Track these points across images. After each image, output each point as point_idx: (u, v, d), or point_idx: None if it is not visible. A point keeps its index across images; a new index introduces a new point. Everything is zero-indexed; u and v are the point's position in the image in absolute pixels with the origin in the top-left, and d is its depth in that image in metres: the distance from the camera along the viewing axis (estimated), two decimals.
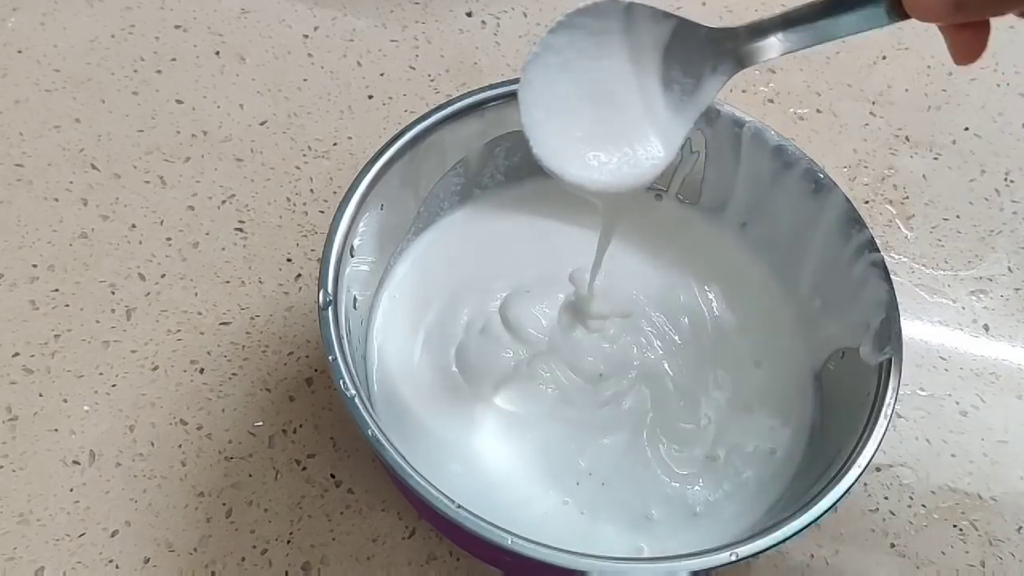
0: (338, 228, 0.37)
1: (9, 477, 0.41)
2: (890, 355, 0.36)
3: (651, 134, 0.35)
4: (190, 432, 0.42)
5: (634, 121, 0.35)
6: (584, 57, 0.34)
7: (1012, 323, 0.49)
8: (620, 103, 0.35)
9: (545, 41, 0.33)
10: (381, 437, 0.33)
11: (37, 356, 0.44)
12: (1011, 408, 0.47)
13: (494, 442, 0.40)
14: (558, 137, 0.34)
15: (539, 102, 0.34)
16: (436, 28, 0.58)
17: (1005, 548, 0.43)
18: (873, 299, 0.38)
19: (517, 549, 0.31)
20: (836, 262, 0.40)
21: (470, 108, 0.41)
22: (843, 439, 0.36)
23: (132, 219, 0.48)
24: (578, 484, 0.39)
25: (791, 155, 0.41)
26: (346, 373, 0.34)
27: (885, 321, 0.37)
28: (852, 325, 0.39)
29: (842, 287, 0.40)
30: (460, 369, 0.41)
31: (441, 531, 0.40)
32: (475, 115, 0.41)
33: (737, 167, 0.43)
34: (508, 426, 0.40)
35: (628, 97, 0.35)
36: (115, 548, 0.39)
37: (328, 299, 0.36)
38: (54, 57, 0.54)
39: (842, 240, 0.40)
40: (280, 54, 0.56)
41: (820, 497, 0.33)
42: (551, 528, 0.37)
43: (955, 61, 0.30)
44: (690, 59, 0.34)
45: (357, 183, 0.38)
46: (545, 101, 0.34)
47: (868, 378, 0.37)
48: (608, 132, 0.34)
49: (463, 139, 0.42)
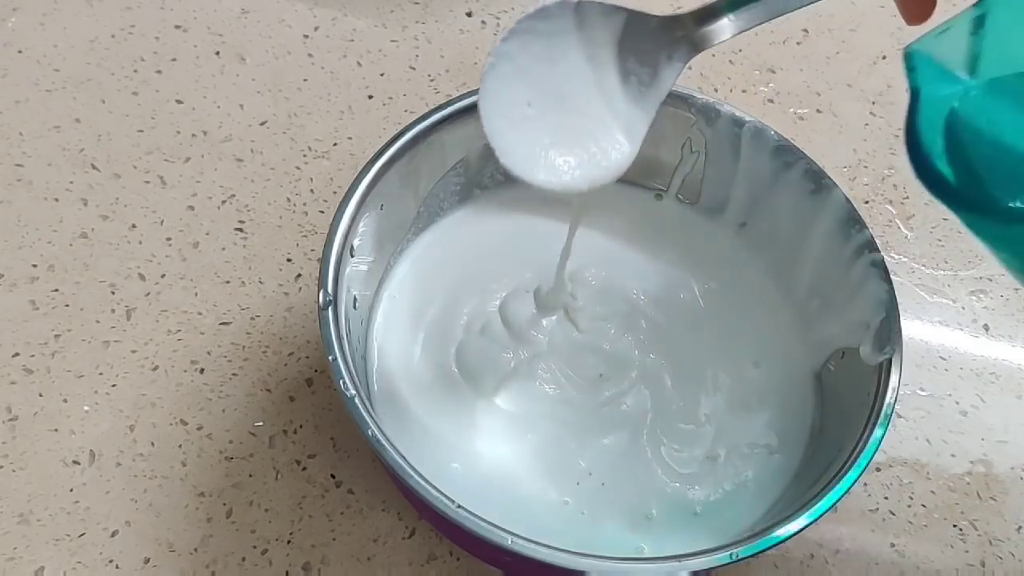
0: (338, 228, 0.37)
1: (9, 477, 0.41)
2: (890, 355, 0.36)
3: (615, 129, 0.35)
4: (190, 432, 0.42)
5: (597, 119, 0.35)
6: (539, 61, 0.34)
7: (1012, 323, 0.49)
8: (581, 102, 0.35)
9: (498, 50, 0.33)
10: (381, 437, 0.33)
11: (37, 356, 0.44)
12: (1011, 408, 0.47)
13: (494, 442, 0.40)
14: (523, 145, 0.34)
15: (500, 111, 0.34)
16: (436, 28, 0.58)
17: (1005, 548, 0.43)
18: (873, 299, 0.38)
19: (517, 549, 0.31)
20: (836, 262, 0.40)
21: (470, 108, 0.41)
22: (843, 439, 0.36)
23: (132, 219, 0.48)
24: (578, 484, 0.39)
25: (791, 155, 0.41)
26: (346, 373, 0.34)
27: (885, 321, 0.37)
28: (852, 325, 0.39)
29: (842, 287, 0.40)
30: (460, 369, 0.41)
31: (441, 531, 0.40)
32: (475, 115, 0.41)
33: (737, 167, 0.43)
34: (508, 426, 0.40)
35: (588, 95, 0.35)
36: (115, 548, 0.39)
37: (328, 299, 0.36)
38: (54, 57, 0.54)
39: (842, 240, 0.40)
40: (280, 54, 0.56)
41: (820, 497, 0.33)
42: (551, 528, 0.37)
43: (907, 22, 0.31)
44: (644, 50, 0.34)
45: (357, 183, 0.38)
46: (506, 110, 0.34)
47: (868, 378, 0.37)
48: (572, 133, 0.35)
49: (463, 139, 0.42)
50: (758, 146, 0.42)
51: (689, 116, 0.43)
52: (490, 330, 0.42)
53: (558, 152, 0.34)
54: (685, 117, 0.43)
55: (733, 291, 0.44)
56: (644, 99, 0.34)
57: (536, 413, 0.40)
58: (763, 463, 0.40)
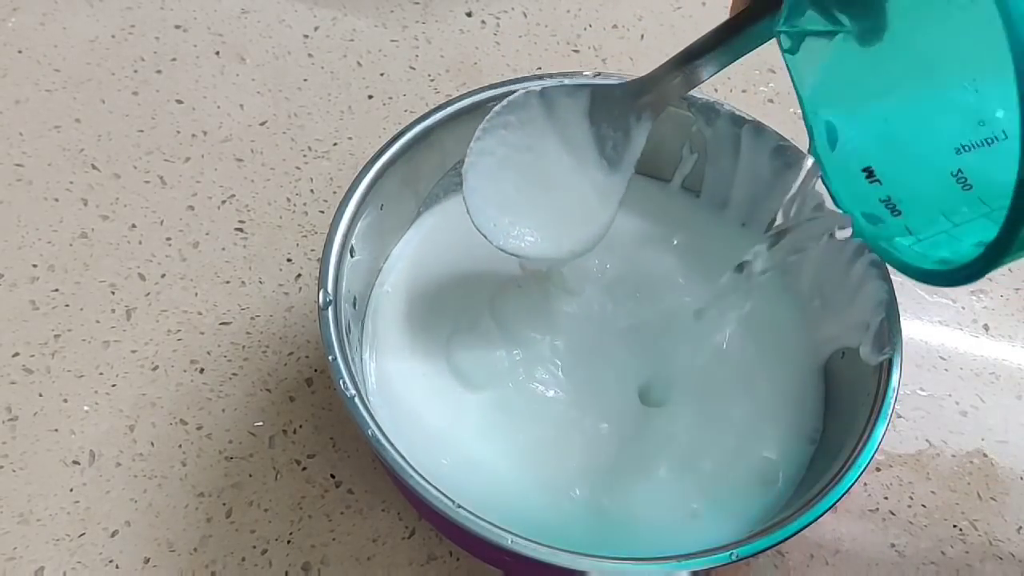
0: (338, 228, 0.37)
1: (9, 477, 0.41)
2: (890, 355, 0.36)
3: (595, 200, 0.38)
4: (190, 432, 0.42)
5: (579, 194, 0.38)
6: (518, 150, 0.37)
7: (1012, 323, 0.49)
8: (563, 181, 0.38)
9: (475, 148, 0.36)
10: (381, 437, 0.33)
11: (37, 356, 0.44)
12: (1011, 408, 0.47)
13: (491, 441, 0.39)
14: (515, 228, 0.37)
15: (489, 203, 0.37)
16: (436, 28, 0.58)
17: (1005, 548, 0.43)
18: (872, 299, 0.38)
19: (517, 549, 0.31)
20: (835, 262, 0.40)
21: (471, 108, 0.41)
22: (843, 439, 0.36)
23: (132, 219, 0.48)
24: (576, 484, 0.39)
25: (791, 155, 0.41)
26: (346, 373, 0.34)
27: (884, 321, 0.37)
28: (851, 325, 0.39)
29: (841, 287, 0.40)
30: (454, 367, 0.41)
31: (441, 531, 0.40)
32: (475, 115, 0.41)
33: (736, 167, 0.43)
34: (505, 425, 0.40)
35: (568, 173, 0.38)
36: (115, 548, 0.39)
37: (328, 299, 0.36)
38: (54, 57, 0.54)
39: (842, 241, 0.40)
40: (280, 54, 0.56)
41: (820, 497, 0.33)
42: (550, 528, 0.37)
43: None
44: (615, 115, 0.37)
45: (357, 183, 0.38)
46: (494, 200, 0.37)
47: (868, 378, 0.37)
48: (559, 212, 0.38)
49: (463, 139, 0.42)
50: (758, 146, 0.42)
51: (689, 116, 0.43)
52: (481, 327, 0.42)
53: (548, 231, 0.38)
54: (685, 117, 0.43)
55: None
56: (621, 161, 0.37)
57: (532, 412, 0.40)
58: (763, 464, 0.40)
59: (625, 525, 0.38)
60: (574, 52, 0.58)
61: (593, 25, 0.59)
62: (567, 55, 0.57)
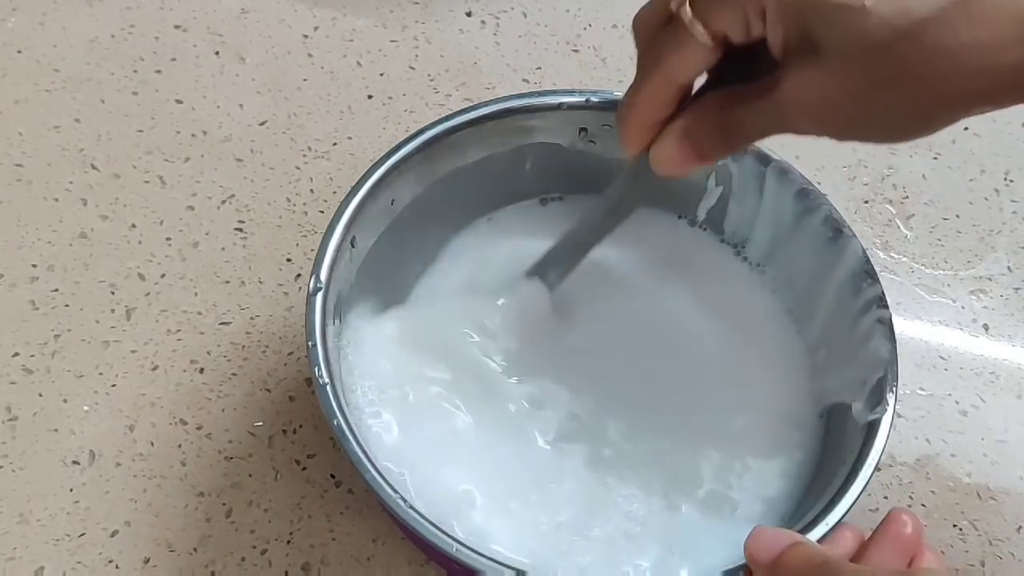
0: (341, 218, 0.37)
1: (9, 477, 0.41)
2: (880, 415, 0.35)
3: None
4: (190, 432, 0.42)
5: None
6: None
7: (1012, 323, 0.49)
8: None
9: None
10: (345, 427, 0.33)
11: (37, 356, 0.44)
12: (1011, 408, 0.47)
13: (468, 454, 0.38)
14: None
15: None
16: (436, 28, 0.58)
17: (1005, 548, 0.43)
18: (874, 356, 0.37)
19: (462, 558, 0.31)
20: (845, 314, 0.39)
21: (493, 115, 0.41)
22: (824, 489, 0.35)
23: (132, 219, 0.48)
24: (550, 510, 0.38)
25: (813, 200, 0.40)
26: (323, 360, 0.34)
27: (881, 380, 0.36)
28: (850, 380, 0.38)
29: (847, 340, 0.39)
30: (439, 374, 0.40)
31: (398, 526, 0.39)
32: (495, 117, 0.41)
33: (760, 206, 0.42)
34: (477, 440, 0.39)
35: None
36: (115, 548, 0.39)
37: (318, 285, 0.35)
38: (54, 57, 0.54)
39: (853, 292, 0.39)
40: (280, 54, 0.56)
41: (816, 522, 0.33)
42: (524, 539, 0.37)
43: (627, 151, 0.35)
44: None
45: (365, 178, 0.38)
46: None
47: (856, 435, 0.36)
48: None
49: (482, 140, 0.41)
50: (782, 187, 0.41)
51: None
52: (465, 337, 0.41)
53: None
54: None
55: (746, 329, 0.43)
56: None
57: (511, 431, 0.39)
58: (761, 502, 0.39)
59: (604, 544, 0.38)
60: (574, 52, 0.58)
61: (593, 25, 0.59)
62: (567, 55, 0.57)
